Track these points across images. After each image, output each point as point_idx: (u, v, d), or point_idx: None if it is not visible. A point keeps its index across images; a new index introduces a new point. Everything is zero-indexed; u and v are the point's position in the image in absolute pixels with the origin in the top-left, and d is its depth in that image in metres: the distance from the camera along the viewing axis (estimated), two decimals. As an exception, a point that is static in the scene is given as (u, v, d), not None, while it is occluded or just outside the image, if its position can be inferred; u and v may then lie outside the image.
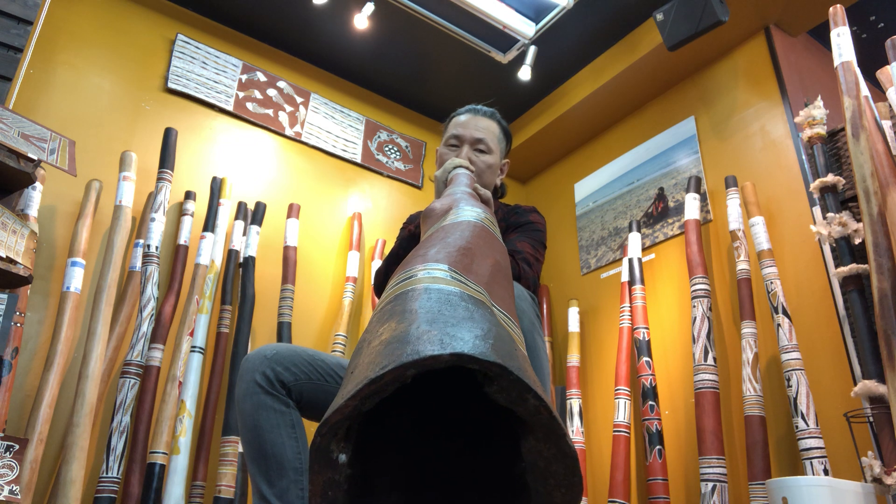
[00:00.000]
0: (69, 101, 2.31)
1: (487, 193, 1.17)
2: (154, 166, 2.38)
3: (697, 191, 2.54)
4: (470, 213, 0.85)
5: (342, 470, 0.49)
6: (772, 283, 2.10)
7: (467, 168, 1.28)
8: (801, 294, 2.15)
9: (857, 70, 1.87)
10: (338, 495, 0.49)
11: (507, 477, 0.54)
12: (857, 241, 1.78)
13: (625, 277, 2.68)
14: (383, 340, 0.49)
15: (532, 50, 2.83)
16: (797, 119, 2.07)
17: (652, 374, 2.37)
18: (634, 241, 2.72)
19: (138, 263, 2.16)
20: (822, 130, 2.01)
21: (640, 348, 2.44)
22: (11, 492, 1.44)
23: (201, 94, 2.63)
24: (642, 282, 2.59)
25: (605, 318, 2.90)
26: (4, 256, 1.45)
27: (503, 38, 2.86)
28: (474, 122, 1.45)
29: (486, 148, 1.43)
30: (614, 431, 2.40)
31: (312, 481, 0.48)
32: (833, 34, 1.94)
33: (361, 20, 2.67)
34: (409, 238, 1.37)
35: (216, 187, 2.49)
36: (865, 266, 1.72)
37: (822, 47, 2.78)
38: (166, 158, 2.32)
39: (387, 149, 3.17)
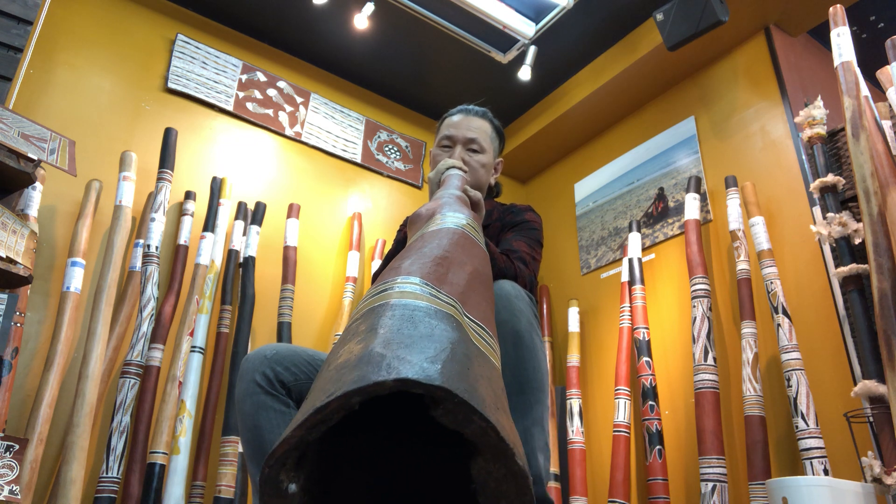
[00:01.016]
0: (69, 101, 2.31)
1: (478, 195, 1.16)
2: (154, 166, 2.39)
3: (697, 191, 2.54)
4: (452, 219, 0.85)
5: (293, 499, 0.48)
6: (772, 283, 2.10)
7: (460, 169, 1.28)
8: (801, 294, 2.15)
9: (857, 70, 1.87)
10: None
11: (463, 497, 0.54)
12: (857, 241, 1.78)
13: (625, 277, 2.68)
14: (338, 364, 0.49)
15: (532, 50, 2.83)
16: (797, 119, 2.06)
17: (652, 374, 2.37)
18: (634, 241, 2.72)
19: (138, 263, 2.16)
20: (822, 130, 2.01)
21: (640, 348, 2.44)
22: (11, 492, 1.45)
23: (201, 94, 2.64)
24: (642, 282, 2.59)
25: (605, 318, 2.90)
26: (4, 256, 1.46)
27: (503, 38, 2.86)
28: (466, 123, 1.45)
29: (479, 147, 1.43)
30: (614, 431, 2.40)
31: None
32: (833, 34, 1.94)
33: (361, 20, 2.67)
34: (402, 242, 1.37)
35: (216, 187, 2.50)
36: (865, 266, 1.72)
37: (822, 47, 2.78)
38: (166, 158, 2.32)
39: (387, 149, 3.17)
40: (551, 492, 2.46)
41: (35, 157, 1.53)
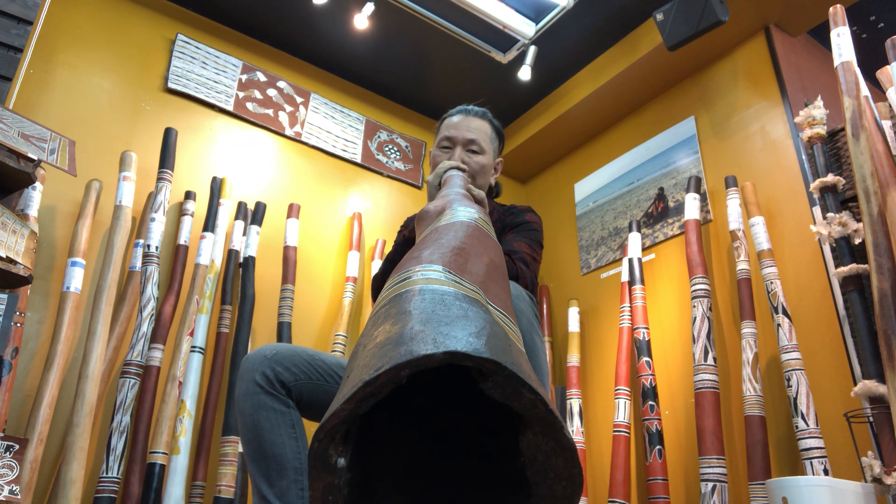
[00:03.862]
0: (69, 101, 2.31)
1: (481, 194, 1.17)
2: (154, 166, 2.39)
3: (697, 191, 2.54)
4: (464, 213, 0.85)
5: (341, 474, 0.49)
6: (772, 283, 2.10)
7: (460, 169, 1.28)
8: (801, 294, 2.15)
9: (857, 70, 1.87)
10: (338, 500, 0.49)
11: (507, 472, 0.54)
12: (857, 241, 1.78)
13: (625, 277, 2.68)
14: (378, 343, 0.49)
15: (532, 50, 2.83)
16: (797, 119, 2.06)
17: (652, 374, 2.37)
18: (634, 241, 2.72)
19: (138, 263, 2.16)
20: (822, 130, 2.00)
21: (640, 348, 2.44)
22: (11, 492, 1.45)
23: (201, 94, 2.64)
24: (642, 282, 2.59)
25: (605, 318, 2.90)
26: (4, 256, 1.45)
27: (503, 38, 2.86)
28: (466, 123, 1.45)
29: (479, 148, 1.43)
30: (614, 431, 2.40)
31: (312, 486, 0.48)
32: (833, 34, 1.94)
33: (361, 20, 2.67)
34: (404, 242, 1.37)
35: (216, 187, 2.49)
36: (865, 266, 1.72)
37: (822, 47, 2.78)
38: (166, 158, 2.32)
39: (387, 149, 3.17)
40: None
41: (35, 157, 1.53)
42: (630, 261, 2.67)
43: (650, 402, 2.32)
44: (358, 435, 0.50)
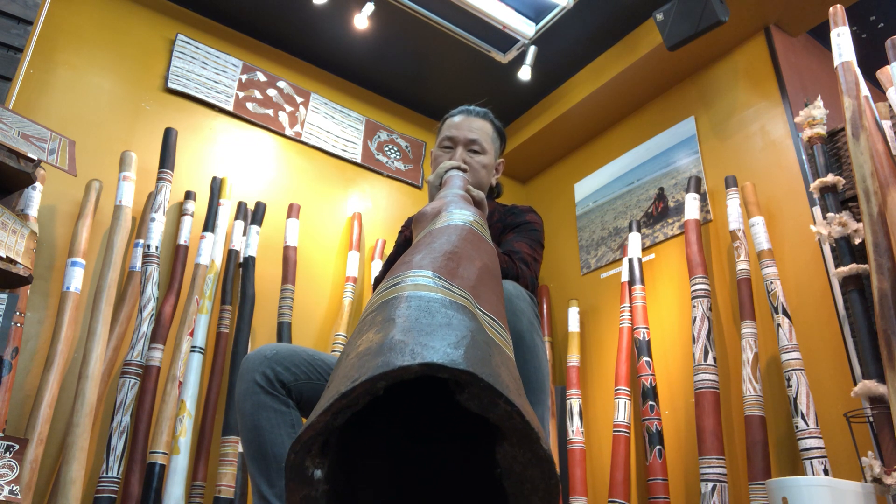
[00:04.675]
0: (69, 101, 2.31)
1: (480, 194, 1.17)
2: (154, 166, 2.38)
3: (697, 191, 2.54)
4: (459, 216, 0.85)
5: (318, 486, 0.49)
6: (772, 283, 2.10)
7: (461, 169, 1.29)
8: (801, 294, 2.15)
9: (857, 70, 1.87)
10: None
11: (486, 482, 0.54)
12: (857, 241, 1.78)
13: (625, 277, 2.68)
14: (359, 353, 0.50)
15: (532, 50, 2.83)
16: (797, 119, 2.07)
17: (652, 374, 2.37)
18: (634, 241, 2.72)
19: (138, 263, 2.16)
20: (822, 130, 2.01)
21: (640, 348, 2.44)
22: (11, 492, 1.45)
23: (201, 94, 2.63)
24: (642, 282, 2.59)
25: (605, 318, 2.90)
26: (4, 256, 1.45)
27: (503, 38, 2.86)
28: (467, 123, 1.45)
29: (480, 148, 1.43)
30: (614, 431, 2.40)
31: (288, 499, 0.48)
32: (833, 34, 1.94)
33: (361, 20, 2.67)
34: (404, 243, 1.37)
35: (216, 187, 2.49)
36: (865, 266, 1.72)
37: (822, 47, 2.78)
38: (166, 158, 2.32)
39: (387, 149, 3.17)
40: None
41: (35, 157, 1.53)
42: (630, 261, 2.67)
43: (650, 402, 2.32)
44: (338, 443, 0.50)
